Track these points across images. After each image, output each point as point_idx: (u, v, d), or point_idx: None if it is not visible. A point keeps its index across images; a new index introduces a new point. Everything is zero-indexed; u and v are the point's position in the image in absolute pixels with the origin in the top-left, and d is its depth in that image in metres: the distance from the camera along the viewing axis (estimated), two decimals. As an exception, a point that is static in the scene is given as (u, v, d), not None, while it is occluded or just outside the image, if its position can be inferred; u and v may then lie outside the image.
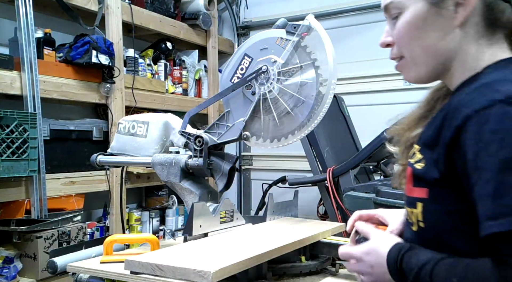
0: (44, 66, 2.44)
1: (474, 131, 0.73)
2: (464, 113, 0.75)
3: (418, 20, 0.88)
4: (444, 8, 0.86)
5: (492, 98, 0.73)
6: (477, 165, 0.72)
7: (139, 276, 1.11)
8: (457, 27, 0.86)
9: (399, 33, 0.92)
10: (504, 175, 0.69)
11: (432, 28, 0.88)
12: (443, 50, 0.88)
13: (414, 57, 0.92)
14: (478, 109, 0.73)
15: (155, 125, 1.61)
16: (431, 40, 0.88)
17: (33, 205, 2.35)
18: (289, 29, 1.43)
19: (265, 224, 1.63)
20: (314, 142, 2.79)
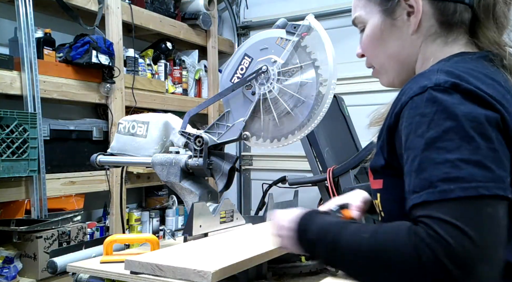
0: (44, 66, 2.44)
1: (407, 116, 0.79)
2: (402, 101, 0.81)
3: (377, 32, 0.96)
4: (397, 18, 0.94)
5: (423, 85, 0.79)
6: (407, 146, 0.78)
7: (139, 276, 1.11)
8: (413, 34, 0.93)
9: (363, 45, 1.01)
10: (427, 152, 0.74)
11: (391, 38, 0.95)
12: (405, 56, 0.95)
13: (381, 66, 1.00)
14: (412, 95, 0.79)
15: (155, 125, 1.61)
16: (393, 48, 0.96)
17: (33, 205, 2.35)
18: (289, 29, 1.43)
19: (265, 224, 1.63)
20: (314, 142, 2.79)
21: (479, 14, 0.89)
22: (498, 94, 0.78)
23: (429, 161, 0.74)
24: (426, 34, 0.92)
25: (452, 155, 0.72)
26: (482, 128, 0.73)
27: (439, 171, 0.72)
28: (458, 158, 0.72)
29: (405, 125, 0.79)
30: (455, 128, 0.73)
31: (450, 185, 0.71)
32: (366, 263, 0.76)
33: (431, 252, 0.69)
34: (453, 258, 0.68)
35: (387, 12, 0.94)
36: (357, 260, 0.78)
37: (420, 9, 0.90)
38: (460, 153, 0.72)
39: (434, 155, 0.74)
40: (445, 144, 0.73)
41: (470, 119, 0.74)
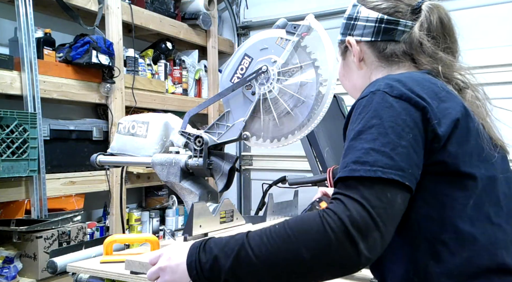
0: (44, 66, 2.44)
1: (353, 114, 0.95)
2: (353, 104, 0.98)
3: (340, 69, 1.22)
4: (347, 59, 1.18)
5: (368, 91, 0.95)
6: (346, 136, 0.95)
7: (139, 276, 1.11)
8: (362, 68, 1.14)
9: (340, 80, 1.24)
10: (353, 141, 0.90)
11: (348, 74, 1.19)
12: (360, 86, 1.13)
13: (350, 94, 1.22)
14: (359, 98, 0.96)
15: (155, 125, 1.61)
16: (351, 81, 1.19)
17: (33, 205, 2.34)
18: (289, 29, 1.43)
19: (265, 224, 1.63)
20: (314, 142, 2.79)
21: (410, 50, 1.07)
22: (430, 94, 0.93)
23: (351, 148, 0.90)
24: (371, 67, 1.12)
25: (368, 144, 0.88)
26: (399, 129, 0.88)
27: (353, 155, 0.88)
28: (371, 147, 0.87)
29: (350, 121, 0.95)
30: (377, 125, 0.89)
31: (357, 166, 0.86)
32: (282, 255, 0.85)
33: (337, 219, 0.83)
34: (353, 224, 0.82)
35: (343, 55, 1.19)
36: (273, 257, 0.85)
37: (356, 51, 1.12)
38: (374, 143, 0.87)
39: (356, 144, 0.89)
40: (366, 136, 0.89)
41: (391, 120, 0.89)
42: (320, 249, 0.83)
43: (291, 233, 0.85)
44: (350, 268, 0.84)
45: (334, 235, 0.82)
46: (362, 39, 1.11)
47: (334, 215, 0.83)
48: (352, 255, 0.82)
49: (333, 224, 0.82)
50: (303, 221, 0.86)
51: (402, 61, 1.09)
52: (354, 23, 1.14)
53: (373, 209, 0.82)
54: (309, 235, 0.84)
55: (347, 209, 0.83)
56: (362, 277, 1.38)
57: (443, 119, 0.92)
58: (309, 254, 0.83)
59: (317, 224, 0.84)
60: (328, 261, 0.83)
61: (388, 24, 1.08)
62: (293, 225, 0.86)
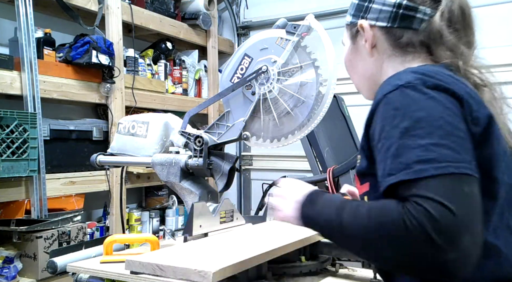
0: (44, 66, 2.44)
1: (381, 111, 0.88)
2: (376, 99, 0.90)
3: (348, 55, 1.12)
4: (358, 44, 1.08)
5: (395, 84, 0.87)
6: (383, 136, 0.85)
7: (139, 276, 1.11)
8: (373, 56, 1.06)
9: (345, 66, 1.14)
10: (403, 140, 0.82)
11: (357, 60, 1.10)
12: (370, 74, 1.08)
13: (356, 84, 1.14)
14: (385, 93, 0.88)
15: (155, 125, 1.61)
16: (360, 69, 1.11)
17: (33, 205, 2.35)
18: (289, 29, 1.43)
19: (265, 224, 1.63)
20: (314, 142, 2.79)
21: (428, 41, 1.00)
22: (460, 88, 0.87)
23: (404, 147, 0.81)
24: (383, 56, 1.05)
25: (424, 140, 0.80)
26: (449, 118, 0.82)
27: (413, 154, 0.80)
28: (429, 142, 0.79)
29: (380, 119, 0.87)
30: (426, 118, 0.82)
31: (423, 165, 0.78)
32: (363, 238, 0.83)
33: (418, 224, 0.75)
34: (438, 229, 0.74)
35: (352, 39, 1.10)
36: (355, 235, 0.85)
37: (369, 36, 1.04)
38: (431, 138, 0.80)
39: (408, 142, 0.81)
40: (417, 131, 0.81)
41: (439, 111, 0.82)
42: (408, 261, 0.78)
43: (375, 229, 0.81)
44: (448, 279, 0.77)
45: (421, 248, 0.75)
46: (376, 24, 1.03)
47: (415, 221, 0.75)
48: (445, 268, 0.74)
49: (418, 234, 0.75)
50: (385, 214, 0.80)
51: (418, 52, 1.02)
52: (368, 6, 1.04)
53: (456, 209, 0.74)
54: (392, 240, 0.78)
55: (428, 212, 0.74)
56: (363, 277, 1.38)
57: (478, 114, 0.86)
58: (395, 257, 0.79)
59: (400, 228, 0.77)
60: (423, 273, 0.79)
61: (407, 10, 0.99)
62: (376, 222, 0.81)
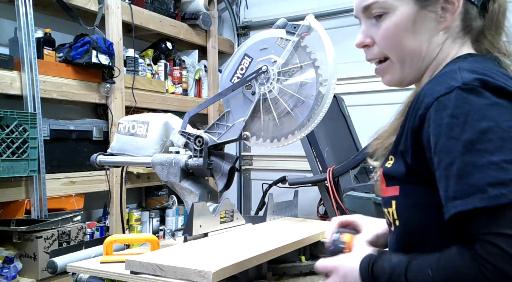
0: (44, 66, 2.44)
1: (435, 117, 0.75)
2: (426, 102, 0.77)
3: (408, 22, 0.89)
4: (432, 11, 0.89)
5: (450, 85, 0.75)
6: (439, 149, 0.74)
7: (139, 276, 1.11)
8: (442, 30, 0.89)
9: (387, 34, 0.91)
10: (468, 156, 0.70)
11: (420, 31, 0.89)
12: (429, 52, 0.90)
13: (402, 59, 0.92)
14: (438, 96, 0.76)
15: (155, 125, 1.61)
16: (418, 42, 0.90)
17: (33, 205, 2.34)
18: (289, 29, 1.43)
19: (265, 224, 1.63)
20: (314, 142, 2.79)
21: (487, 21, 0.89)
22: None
23: (471, 165, 0.69)
24: (451, 34, 0.90)
25: (496, 157, 0.68)
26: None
27: (485, 175, 0.68)
28: (503, 159, 0.68)
29: (433, 127, 0.76)
30: (493, 129, 0.70)
31: (501, 189, 0.66)
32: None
33: (496, 270, 0.66)
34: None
35: (423, 3, 0.88)
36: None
37: (460, 8, 0.88)
38: (503, 154, 0.68)
39: (475, 158, 0.69)
40: (485, 145, 0.69)
41: (506, 119, 0.71)
42: None
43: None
44: None
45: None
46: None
47: (494, 269, 0.66)
48: None
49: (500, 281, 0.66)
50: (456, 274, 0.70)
51: (469, 37, 0.91)
52: None
53: None
54: None
55: (508, 254, 0.65)
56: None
57: None
58: None
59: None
60: None
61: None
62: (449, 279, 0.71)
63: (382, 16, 0.91)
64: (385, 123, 1.07)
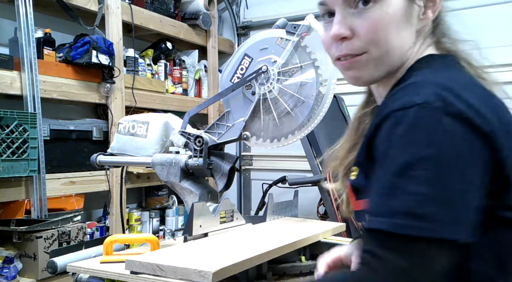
0: (44, 66, 2.44)
1: (386, 130, 0.72)
2: (384, 113, 0.73)
3: (398, 14, 0.80)
4: (415, 6, 0.82)
5: (411, 100, 0.70)
6: (381, 163, 0.72)
7: (139, 276, 1.11)
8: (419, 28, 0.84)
9: (375, 26, 0.80)
10: (398, 178, 0.69)
11: (404, 26, 0.82)
12: (407, 48, 0.84)
13: (382, 55, 0.83)
14: (395, 109, 0.71)
15: (155, 125, 1.61)
16: (401, 38, 0.82)
17: (33, 205, 2.35)
18: (289, 29, 1.43)
19: (265, 224, 1.63)
20: (314, 142, 2.79)
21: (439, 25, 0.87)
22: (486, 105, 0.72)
23: (397, 188, 0.69)
24: (423, 32, 0.85)
25: (422, 188, 0.67)
26: (462, 163, 0.67)
27: (403, 202, 0.67)
28: (426, 193, 0.66)
29: (382, 140, 0.73)
30: (433, 159, 0.67)
31: (409, 221, 0.66)
32: None
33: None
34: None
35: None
36: None
37: (440, 5, 0.83)
38: (430, 187, 0.66)
39: (404, 183, 0.68)
40: (419, 172, 0.67)
41: (451, 150, 0.67)
42: None
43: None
44: None
45: None
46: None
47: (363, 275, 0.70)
48: None
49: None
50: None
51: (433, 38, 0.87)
52: None
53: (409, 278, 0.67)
54: None
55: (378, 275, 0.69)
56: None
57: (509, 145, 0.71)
58: None
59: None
60: None
61: None
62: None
63: (370, 3, 0.80)
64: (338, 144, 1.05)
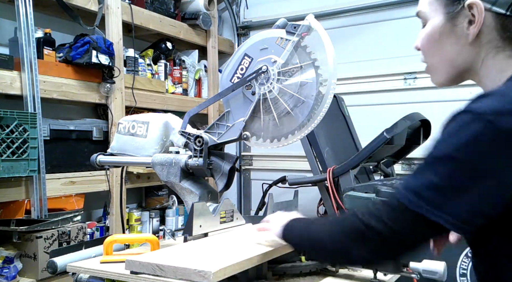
0: (44, 66, 2.44)
1: (443, 126, 0.86)
2: (455, 112, 0.84)
3: (436, 33, 0.96)
4: (457, 25, 0.93)
5: (469, 107, 0.81)
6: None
7: (139, 276, 1.11)
8: (471, 44, 0.92)
9: (421, 42, 1.00)
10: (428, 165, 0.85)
11: (448, 43, 0.95)
12: (460, 62, 0.95)
13: (434, 66, 1.00)
14: (458, 113, 0.83)
15: (155, 125, 1.61)
16: (448, 53, 0.96)
17: (33, 205, 2.34)
18: (289, 29, 1.43)
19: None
20: (314, 142, 2.79)
21: None
22: None
23: (422, 171, 0.85)
24: (486, 46, 0.92)
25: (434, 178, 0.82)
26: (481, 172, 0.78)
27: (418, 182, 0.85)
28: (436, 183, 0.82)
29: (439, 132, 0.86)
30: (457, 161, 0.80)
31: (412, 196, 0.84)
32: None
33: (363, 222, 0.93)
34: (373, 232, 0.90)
35: (449, 16, 0.94)
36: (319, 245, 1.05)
37: (482, 20, 0.90)
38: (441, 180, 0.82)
39: (427, 170, 0.84)
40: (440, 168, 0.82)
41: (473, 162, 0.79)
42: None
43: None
44: None
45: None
46: (493, 9, 0.89)
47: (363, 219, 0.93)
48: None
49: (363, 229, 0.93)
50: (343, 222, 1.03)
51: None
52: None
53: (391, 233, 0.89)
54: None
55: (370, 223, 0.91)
56: (363, 277, 1.38)
57: None
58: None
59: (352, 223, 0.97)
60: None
61: None
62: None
63: (425, 25, 0.99)
64: None
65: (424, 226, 0.85)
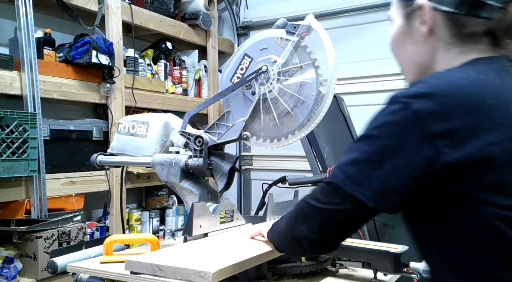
0: (44, 66, 2.44)
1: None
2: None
3: (398, 33, 1.01)
4: (412, 24, 0.98)
5: (395, 93, 0.87)
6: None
7: (139, 276, 1.11)
8: (425, 42, 0.96)
9: (389, 44, 1.04)
10: (354, 143, 0.91)
11: (408, 42, 1.00)
12: (420, 60, 0.99)
13: (403, 66, 1.04)
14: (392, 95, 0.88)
15: (155, 125, 1.61)
16: (409, 52, 1.00)
17: (33, 205, 2.35)
18: (289, 29, 1.43)
19: (265, 224, 1.63)
20: (314, 142, 2.79)
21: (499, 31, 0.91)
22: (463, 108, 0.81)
23: (348, 151, 0.92)
24: (439, 44, 0.95)
25: (357, 154, 0.89)
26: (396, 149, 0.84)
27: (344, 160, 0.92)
28: (357, 158, 0.89)
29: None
30: (375, 138, 0.86)
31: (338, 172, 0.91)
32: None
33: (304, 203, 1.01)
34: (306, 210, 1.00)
35: (406, 17, 0.98)
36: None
37: (429, 20, 0.93)
38: (361, 155, 0.88)
39: (352, 149, 0.91)
40: (362, 144, 0.89)
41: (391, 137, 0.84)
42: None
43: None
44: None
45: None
46: (440, 8, 0.92)
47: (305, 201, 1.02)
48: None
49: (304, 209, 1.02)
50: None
51: (478, 42, 0.92)
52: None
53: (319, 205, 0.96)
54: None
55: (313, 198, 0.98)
56: (363, 277, 1.38)
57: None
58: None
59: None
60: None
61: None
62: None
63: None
64: None
65: (350, 202, 0.89)
